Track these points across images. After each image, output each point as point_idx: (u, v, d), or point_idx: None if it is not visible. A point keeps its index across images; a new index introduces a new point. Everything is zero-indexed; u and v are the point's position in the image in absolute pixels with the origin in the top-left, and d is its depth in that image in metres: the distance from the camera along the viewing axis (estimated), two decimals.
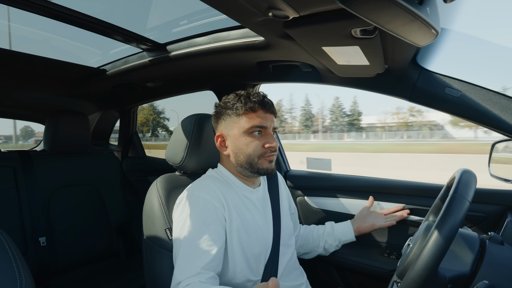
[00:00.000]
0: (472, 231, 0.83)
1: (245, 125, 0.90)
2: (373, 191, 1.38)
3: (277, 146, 0.93)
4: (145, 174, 2.22)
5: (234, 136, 0.92)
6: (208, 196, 0.86)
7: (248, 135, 0.90)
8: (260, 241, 0.92)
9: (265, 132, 0.92)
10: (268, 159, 0.92)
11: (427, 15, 0.50)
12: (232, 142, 0.93)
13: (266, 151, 0.91)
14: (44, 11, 1.06)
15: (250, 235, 0.90)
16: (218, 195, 0.88)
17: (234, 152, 0.93)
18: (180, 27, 1.28)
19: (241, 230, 0.89)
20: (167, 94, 1.90)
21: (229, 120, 0.93)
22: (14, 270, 0.55)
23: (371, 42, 0.78)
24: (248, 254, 0.89)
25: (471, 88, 0.99)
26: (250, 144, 0.90)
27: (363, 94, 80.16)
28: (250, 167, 0.92)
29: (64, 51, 1.66)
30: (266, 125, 0.92)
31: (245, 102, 0.91)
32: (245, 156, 0.91)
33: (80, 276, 1.69)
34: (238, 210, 0.90)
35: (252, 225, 0.91)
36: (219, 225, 0.85)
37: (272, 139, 0.92)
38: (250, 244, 0.89)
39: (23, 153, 1.73)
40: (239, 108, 0.91)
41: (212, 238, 0.82)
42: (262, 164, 0.92)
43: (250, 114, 0.90)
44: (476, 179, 0.72)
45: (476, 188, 0.70)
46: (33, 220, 1.61)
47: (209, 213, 0.84)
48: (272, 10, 0.71)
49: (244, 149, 0.91)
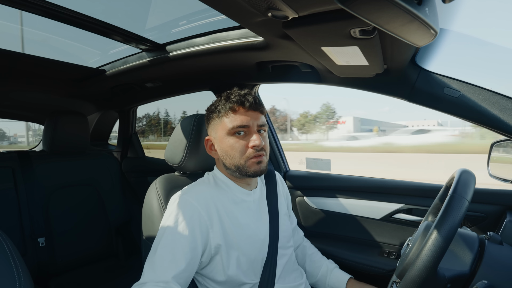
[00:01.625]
0: (471, 231, 0.83)
1: (227, 125, 0.88)
2: (372, 191, 1.38)
3: (262, 145, 0.88)
4: (144, 175, 2.22)
5: (219, 138, 0.90)
6: (196, 203, 0.84)
7: (231, 136, 0.88)
8: (256, 245, 0.91)
9: (248, 131, 0.88)
10: (256, 160, 0.88)
11: (426, 15, 0.50)
12: (218, 146, 0.91)
13: (251, 152, 0.87)
14: (43, 11, 1.06)
15: (245, 240, 0.88)
16: (208, 203, 0.86)
17: (222, 155, 0.91)
18: (180, 27, 1.28)
19: (234, 235, 0.87)
20: (166, 95, 1.90)
21: (213, 123, 0.92)
22: (13, 271, 0.55)
23: (370, 42, 0.79)
24: (242, 259, 0.87)
25: (470, 88, 1.00)
26: (234, 146, 0.87)
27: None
28: (238, 170, 0.89)
29: (63, 52, 1.66)
30: (249, 124, 0.88)
31: (225, 102, 0.89)
32: (231, 159, 0.89)
33: (79, 276, 1.69)
34: (230, 215, 0.88)
35: (246, 230, 0.90)
36: (199, 235, 0.82)
37: (256, 137, 0.87)
38: (245, 249, 0.88)
39: (22, 153, 1.72)
40: (221, 110, 0.89)
41: (190, 246, 0.79)
42: (250, 167, 0.88)
43: (231, 114, 0.88)
44: (475, 179, 0.72)
45: (475, 188, 0.70)
46: (32, 221, 1.61)
47: (193, 219, 0.82)
48: (271, 11, 0.71)
49: (229, 152, 0.88)
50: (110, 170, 2.01)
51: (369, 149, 17.93)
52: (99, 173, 1.94)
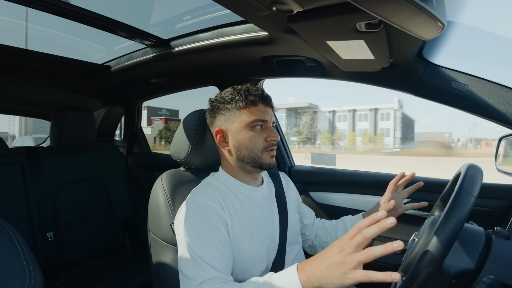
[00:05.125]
0: (478, 226, 0.82)
1: (246, 119, 0.89)
2: (377, 186, 1.37)
3: (279, 139, 0.92)
4: (150, 170, 2.24)
5: (235, 130, 0.90)
6: (210, 201, 0.85)
7: (250, 129, 0.89)
8: (266, 242, 0.91)
9: (266, 126, 0.91)
10: (271, 153, 0.91)
11: (434, 7, 0.49)
12: (233, 137, 0.91)
13: (267, 145, 0.90)
14: (48, 8, 1.06)
15: (255, 237, 0.89)
16: (219, 200, 0.87)
17: (236, 147, 0.91)
18: (184, 23, 1.28)
19: (245, 233, 0.87)
20: (171, 90, 1.91)
21: (228, 114, 0.91)
22: (23, 264, 0.56)
23: (376, 36, 0.78)
24: (253, 256, 0.88)
25: (478, 81, 0.98)
26: (253, 138, 0.89)
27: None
28: (252, 161, 0.90)
29: (69, 48, 1.67)
30: (267, 118, 0.91)
31: (246, 95, 0.89)
32: (247, 150, 0.90)
33: (87, 270, 1.72)
34: (240, 214, 0.89)
35: (256, 228, 0.90)
36: (223, 228, 0.84)
37: (274, 133, 0.91)
38: (255, 247, 0.88)
39: (30, 149, 1.75)
40: (240, 102, 0.89)
41: (221, 241, 0.81)
42: (265, 159, 0.90)
43: (251, 107, 0.89)
44: (483, 174, 0.71)
45: (482, 183, 0.69)
46: (40, 215, 1.64)
47: (213, 217, 0.83)
48: (276, 4, 0.71)
49: (246, 144, 0.89)
50: (116, 165, 2.03)
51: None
52: (105, 168, 1.97)
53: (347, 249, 0.57)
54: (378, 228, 0.55)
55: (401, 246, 0.51)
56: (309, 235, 1.16)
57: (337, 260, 0.57)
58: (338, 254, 0.58)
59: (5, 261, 0.55)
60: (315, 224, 1.19)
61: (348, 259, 0.56)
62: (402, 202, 1.04)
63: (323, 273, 0.59)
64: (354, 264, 0.55)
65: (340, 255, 0.57)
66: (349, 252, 0.56)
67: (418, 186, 1.03)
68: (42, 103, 2.29)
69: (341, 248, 0.58)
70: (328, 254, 0.60)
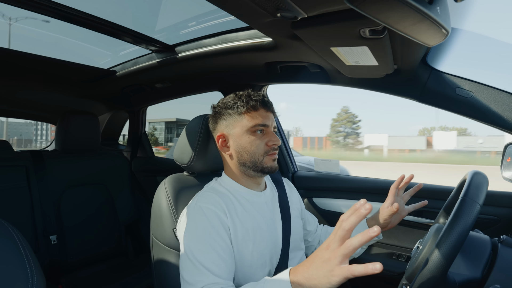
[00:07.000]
0: (484, 234, 0.81)
1: (248, 123, 0.90)
2: (382, 193, 1.36)
3: (280, 144, 0.93)
4: (153, 174, 2.24)
5: (236, 135, 0.91)
6: (212, 207, 0.85)
7: (251, 133, 0.90)
8: (269, 247, 0.90)
9: (267, 130, 0.92)
10: (272, 157, 0.92)
11: (437, 14, 0.49)
12: (234, 141, 0.92)
13: (268, 150, 0.91)
14: (55, 13, 1.08)
15: (257, 242, 0.88)
16: (221, 205, 0.87)
17: (237, 151, 0.92)
18: (189, 29, 1.29)
19: (247, 238, 0.87)
20: (175, 95, 1.92)
21: (230, 119, 0.92)
22: (25, 267, 0.56)
23: (380, 42, 0.78)
24: (255, 261, 0.87)
25: (483, 88, 0.97)
26: (254, 143, 0.90)
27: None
28: (254, 165, 0.91)
29: (75, 53, 1.69)
30: (268, 123, 0.91)
31: (247, 101, 0.90)
32: (249, 155, 0.90)
33: (90, 274, 1.71)
34: (242, 219, 0.88)
35: (259, 233, 0.89)
36: (225, 234, 0.84)
37: (275, 137, 0.92)
38: (258, 252, 0.88)
39: (35, 152, 1.76)
40: (241, 107, 0.90)
41: (223, 242, 0.81)
42: (267, 163, 0.91)
43: (252, 113, 0.90)
44: (488, 181, 0.70)
45: (488, 191, 0.68)
46: (44, 218, 1.64)
47: (214, 220, 0.83)
48: (280, 11, 0.71)
49: (247, 148, 0.90)
50: (120, 169, 2.04)
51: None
52: (109, 172, 1.97)
53: (331, 245, 0.57)
54: (355, 217, 0.55)
55: (378, 232, 0.51)
56: (312, 241, 1.15)
57: (324, 257, 0.57)
58: (325, 251, 0.58)
59: (7, 263, 0.55)
60: (318, 231, 1.18)
61: (332, 255, 0.56)
62: (404, 205, 1.05)
63: (312, 273, 0.59)
64: (339, 259, 0.55)
65: (326, 252, 0.57)
66: (334, 247, 0.56)
67: (418, 187, 1.05)
68: (48, 106, 2.32)
69: (327, 245, 0.58)
70: (317, 253, 0.60)
